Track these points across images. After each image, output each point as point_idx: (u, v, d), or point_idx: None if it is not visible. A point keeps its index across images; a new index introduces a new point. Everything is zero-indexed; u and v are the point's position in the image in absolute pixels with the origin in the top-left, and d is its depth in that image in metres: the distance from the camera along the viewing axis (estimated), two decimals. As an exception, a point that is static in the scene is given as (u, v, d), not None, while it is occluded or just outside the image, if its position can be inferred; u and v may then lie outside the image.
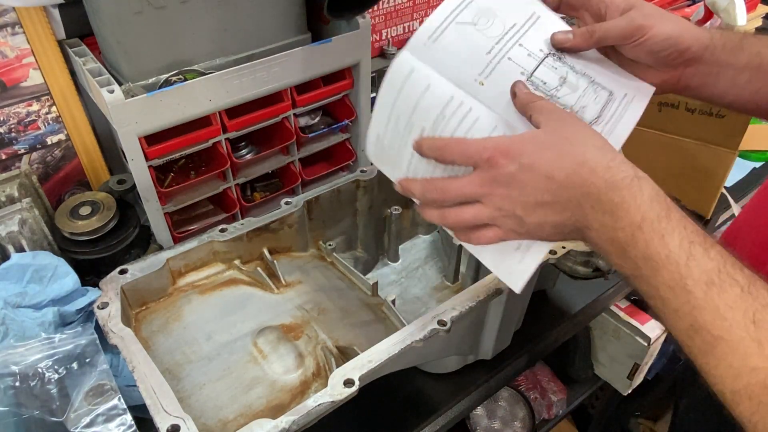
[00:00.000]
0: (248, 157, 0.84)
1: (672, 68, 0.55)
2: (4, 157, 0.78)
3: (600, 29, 0.54)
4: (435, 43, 0.52)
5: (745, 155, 1.14)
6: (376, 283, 0.71)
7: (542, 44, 0.55)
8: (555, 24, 0.56)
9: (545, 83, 0.52)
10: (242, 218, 0.77)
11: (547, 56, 0.54)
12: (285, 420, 0.49)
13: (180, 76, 0.71)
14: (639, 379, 1.25)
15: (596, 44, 0.55)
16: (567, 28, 0.56)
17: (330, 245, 0.78)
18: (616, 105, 0.54)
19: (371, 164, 0.76)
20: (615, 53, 0.56)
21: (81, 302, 0.66)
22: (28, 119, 0.77)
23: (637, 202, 0.43)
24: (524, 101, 0.49)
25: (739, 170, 1.10)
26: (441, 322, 0.57)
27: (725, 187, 1.02)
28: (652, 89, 0.57)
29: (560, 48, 0.55)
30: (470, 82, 0.51)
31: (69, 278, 0.67)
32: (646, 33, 0.52)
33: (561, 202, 0.46)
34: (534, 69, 0.53)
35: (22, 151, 0.79)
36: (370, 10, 0.89)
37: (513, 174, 0.46)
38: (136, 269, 0.65)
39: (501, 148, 0.46)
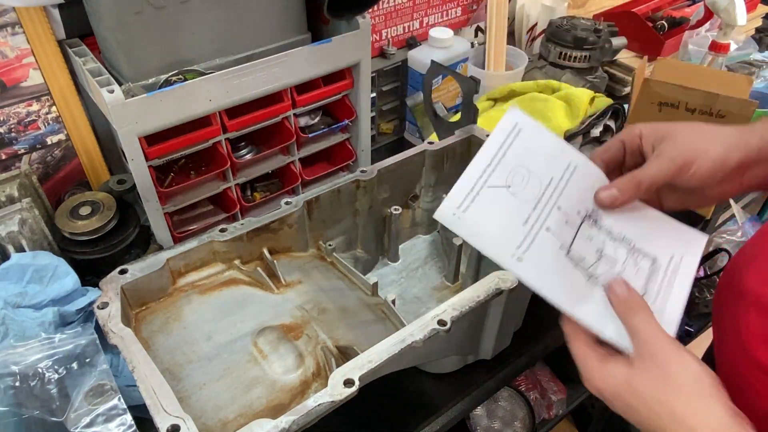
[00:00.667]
0: (248, 157, 0.84)
1: (731, 181, 0.52)
2: (4, 157, 0.78)
3: (646, 178, 0.51)
4: (465, 214, 0.46)
5: (745, 155, 1.14)
6: (376, 283, 0.71)
7: (580, 204, 0.49)
8: (591, 174, 0.51)
9: (584, 259, 0.47)
10: (242, 218, 0.77)
11: (583, 221, 0.49)
12: (285, 420, 0.49)
13: (180, 76, 0.71)
14: (639, 379, 1.25)
15: (644, 195, 0.52)
16: (603, 177, 0.52)
17: (330, 245, 0.78)
18: (662, 275, 0.49)
19: (371, 164, 0.76)
20: (667, 186, 0.53)
21: (81, 302, 0.66)
22: (28, 119, 0.77)
23: None
24: (623, 311, 0.46)
25: (739, 170, 1.10)
26: (441, 322, 0.57)
27: (725, 187, 1.02)
28: (704, 239, 0.52)
29: (609, 208, 0.51)
30: (507, 259, 0.45)
31: (69, 278, 0.67)
32: (690, 168, 0.50)
33: None
34: (572, 242, 0.47)
35: (22, 151, 0.79)
36: (370, 10, 0.89)
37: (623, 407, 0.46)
38: (136, 269, 0.65)
39: (597, 392, 0.46)
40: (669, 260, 0.49)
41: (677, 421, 0.43)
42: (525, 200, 0.47)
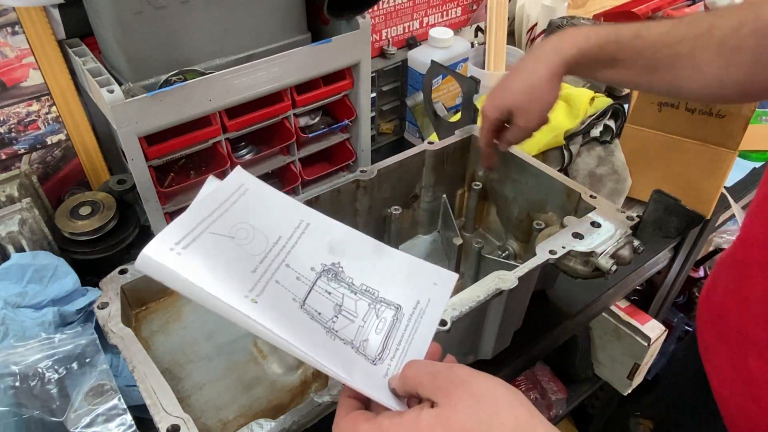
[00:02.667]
0: (248, 157, 0.84)
1: None
2: (4, 157, 0.78)
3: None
4: (186, 251, 0.42)
5: (745, 155, 1.14)
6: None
7: (313, 260, 0.47)
8: (324, 228, 0.50)
9: (320, 314, 0.45)
10: (242, 218, 0.77)
11: (319, 276, 0.47)
12: (285, 420, 0.49)
13: (180, 76, 0.71)
14: (639, 379, 1.25)
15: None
16: (338, 225, 0.50)
17: (330, 245, 0.78)
18: (404, 324, 0.47)
19: (371, 164, 0.76)
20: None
21: (81, 302, 0.66)
22: (28, 119, 0.77)
23: None
24: (401, 390, 0.41)
25: (739, 170, 1.10)
26: (441, 322, 0.57)
27: (725, 187, 1.02)
28: (454, 279, 0.50)
29: None
30: (239, 299, 0.41)
31: (69, 278, 0.67)
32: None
33: None
34: (305, 296, 0.45)
35: (22, 151, 0.79)
36: (370, 10, 0.89)
37: None
38: (136, 269, 0.65)
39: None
40: (414, 306, 0.48)
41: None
42: (251, 253, 0.45)
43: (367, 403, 0.42)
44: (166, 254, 0.41)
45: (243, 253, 0.44)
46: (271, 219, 0.48)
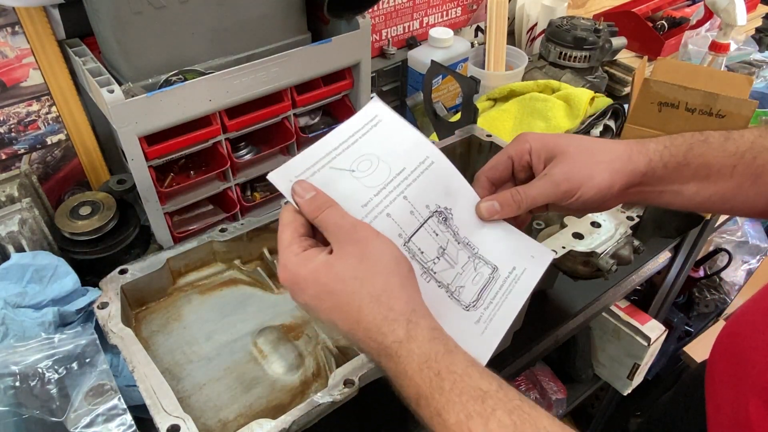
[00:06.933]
0: (248, 157, 0.84)
1: (613, 200, 0.53)
2: (4, 157, 0.78)
3: (526, 198, 0.51)
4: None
5: (745, 155, 1.14)
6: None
7: (430, 198, 0.48)
8: (447, 171, 0.51)
9: (422, 252, 0.47)
10: (242, 218, 0.77)
11: (432, 215, 0.48)
12: (285, 420, 0.49)
13: (180, 76, 0.71)
14: (639, 379, 1.25)
15: (525, 212, 0.52)
16: (459, 175, 0.52)
17: (330, 245, 0.78)
18: (499, 285, 0.49)
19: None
20: None
21: (81, 302, 0.66)
22: (28, 119, 0.77)
23: (409, 374, 0.40)
24: (309, 210, 0.45)
25: (739, 170, 1.10)
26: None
27: (725, 187, 1.02)
28: (550, 256, 0.52)
29: (487, 220, 0.50)
30: None
31: (69, 278, 0.67)
32: (574, 195, 0.50)
33: (350, 340, 0.44)
34: (413, 233, 0.47)
35: (22, 151, 0.79)
36: (370, 10, 0.89)
37: (303, 303, 0.45)
38: (136, 269, 0.65)
39: (290, 277, 0.44)
40: (510, 271, 0.49)
41: (375, 297, 0.41)
42: (368, 186, 0.47)
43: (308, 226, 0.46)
44: (286, 184, 0.45)
45: (359, 186, 0.46)
46: (399, 151, 0.49)
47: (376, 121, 0.50)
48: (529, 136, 0.54)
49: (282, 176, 0.45)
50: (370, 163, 0.47)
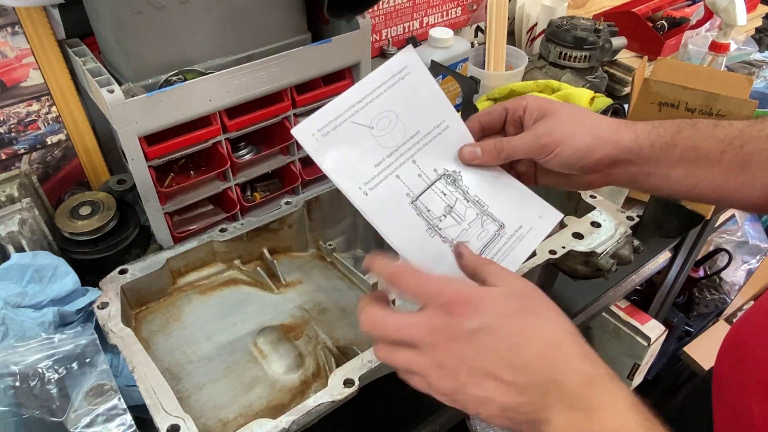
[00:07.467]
0: (248, 157, 0.84)
1: (594, 172, 0.53)
2: (4, 157, 0.78)
3: (507, 147, 0.52)
4: (324, 138, 0.48)
5: (745, 155, 1.14)
6: (377, 283, 0.71)
7: (439, 162, 0.51)
8: (460, 134, 0.52)
9: (429, 210, 0.49)
10: (242, 218, 0.77)
11: (439, 178, 0.50)
12: (285, 420, 0.49)
13: (180, 76, 0.71)
14: (639, 379, 1.25)
15: (504, 161, 0.53)
16: (469, 137, 0.53)
17: (330, 245, 0.78)
18: (504, 241, 0.50)
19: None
20: (533, 161, 0.54)
21: (81, 302, 0.66)
22: (28, 119, 0.77)
23: (618, 406, 0.37)
24: (472, 264, 0.45)
25: (739, 170, 1.10)
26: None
27: (725, 187, 1.02)
28: (558, 217, 0.53)
29: (468, 164, 0.52)
30: (353, 189, 0.48)
31: (69, 278, 0.67)
32: (552, 150, 0.51)
33: (520, 384, 0.37)
34: (420, 193, 0.49)
35: (22, 151, 0.79)
36: (370, 10, 0.89)
37: (472, 332, 0.38)
38: (136, 269, 0.65)
39: (464, 296, 0.40)
40: (517, 229, 0.51)
41: (572, 334, 0.39)
42: (383, 145, 0.49)
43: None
44: (308, 138, 0.48)
45: (374, 145, 0.49)
46: (418, 111, 0.51)
47: (404, 73, 0.52)
48: (530, 96, 0.55)
49: (305, 130, 0.47)
50: (389, 121, 0.49)
